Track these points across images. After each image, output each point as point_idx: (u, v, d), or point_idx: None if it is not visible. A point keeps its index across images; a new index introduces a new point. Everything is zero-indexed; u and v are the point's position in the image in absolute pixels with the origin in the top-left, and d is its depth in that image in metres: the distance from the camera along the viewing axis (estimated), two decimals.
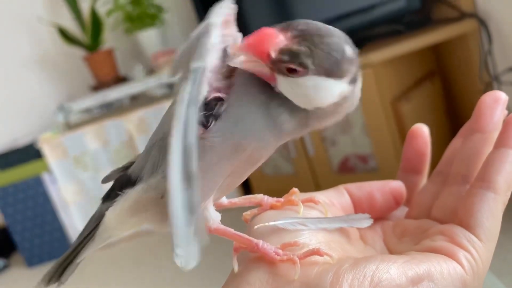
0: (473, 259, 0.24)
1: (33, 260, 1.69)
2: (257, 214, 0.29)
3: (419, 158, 0.32)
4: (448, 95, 1.39)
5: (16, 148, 1.67)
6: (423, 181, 0.33)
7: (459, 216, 0.26)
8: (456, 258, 0.24)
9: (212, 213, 0.26)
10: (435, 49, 1.38)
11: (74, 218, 1.69)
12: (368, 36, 1.34)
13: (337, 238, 0.26)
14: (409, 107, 1.20)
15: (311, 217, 0.27)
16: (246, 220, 0.29)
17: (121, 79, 1.80)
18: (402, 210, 0.32)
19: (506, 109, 0.29)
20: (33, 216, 1.67)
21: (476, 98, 0.30)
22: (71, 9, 1.76)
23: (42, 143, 1.63)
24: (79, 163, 1.65)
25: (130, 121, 1.60)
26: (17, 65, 1.92)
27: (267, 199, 0.30)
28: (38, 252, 1.69)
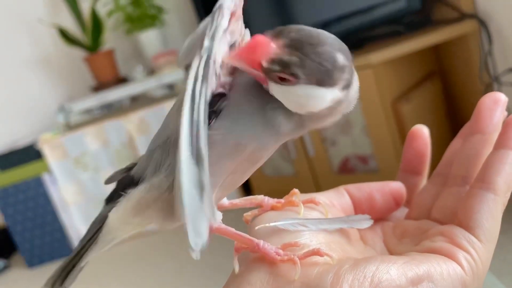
0: (472, 260, 0.24)
1: (34, 260, 1.69)
2: (258, 215, 0.29)
3: (419, 159, 0.33)
4: (448, 96, 1.39)
5: (17, 149, 1.67)
6: (423, 182, 0.33)
7: (459, 217, 0.26)
8: (456, 259, 0.24)
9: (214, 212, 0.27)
10: (435, 49, 1.38)
11: (74, 218, 1.69)
12: (368, 36, 1.34)
13: (337, 238, 0.27)
14: (409, 107, 1.20)
15: (312, 218, 0.27)
16: (247, 220, 0.29)
17: (121, 80, 1.80)
18: (402, 211, 0.32)
19: (506, 110, 0.29)
20: (34, 216, 1.67)
21: (476, 99, 0.30)
22: (71, 10, 1.76)
23: (43, 143, 1.63)
24: (79, 163, 1.65)
25: (130, 122, 1.60)
26: (18, 65, 1.92)
27: (267, 200, 0.30)
28: (38, 252, 1.69)
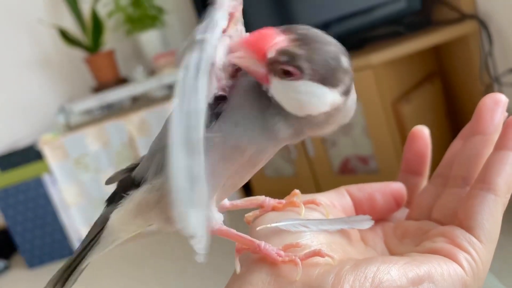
0: (473, 261, 0.24)
1: (34, 261, 1.69)
2: (259, 216, 0.29)
3: (419, 159, 0.33)
4: (448, 97, 1.39)
5: (17, 150, 1.67)
6: (424, 182, 0.33)
7: (460, 218, 0.26)
8: (457, 260, 0.24)
9: (215, 214, 0.27)
10: (436, 50, 1.38)
11: (74, 219, 1.69)
12: (369, 37, 1.34)
13: (338, 239, 0.27)
14: (409, 108, 1.20)
15: (313, 219, 0.27)
16: (248, 221, 0.29)
17: (121, 81, 1.80)
18: (403, 212, 0.32)
19: (506, 111, 0.29)
20: (34, 217, 1.67)
21: (476, 100, 0.30)
22: (71, 10, 1.76)
23: (43, 144, 1.63)
24: (79, 164, 1.65)
25: (130, 122, 1.60)
26: (18, 66, 1.92)
27: (268, 200, 0.30)
28: (38, 253, 1.68)
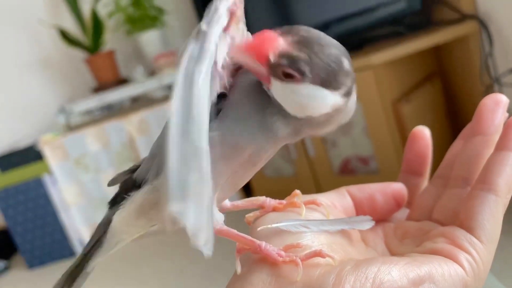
0: (474, 261, 0.24)
1: (34, 261, 1.69)
2: (260, 216, 0.29)
3: (420, 160, 0.33)
4: (448, 97, 1.39)
5: (17, 150, 1.67)
6: (424, 183, 0.33)
7: (460, 218, 0.26)
8: (457, 260, 0.24)
9: (216, 214, 0.27)
10: (436, 50, 1.38)
11: (75, 219, 1.69)
12: (369, 37, 1.34)
13: (339, 240, 0.27)
14: (409, 108, 1.20)
15: (313, 219, 0.27)
16: (249, 222, 0.29)
17: (122, 81, 1.80)
18: (403, 212, 0.32)
19: (506, 112, 0.29)
20: (34, 217, 1.67)
21: (477, 100, 0.30)
22: (72, 10, 1.76)
23: (43, 144, 1.63)
24: (80, 164, 1.65)
25: (130, 123, 1.61)
26: (18, 67, 1.92)
27: (269, 201, 0.30)
28: (39, 253, 1.68)
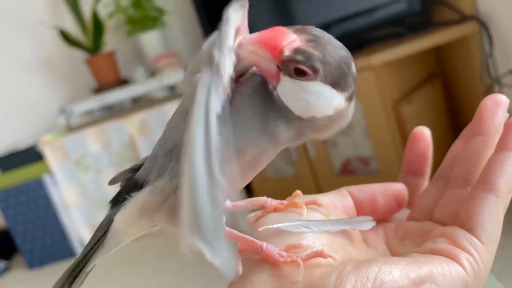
0: (474, 261, 0.24)
1: (34, 262, 1.69)
2: (261, 217, 0.29)
3: (421, 160, 0.33)
4: (449, 98, 1.39)
5: (18, 151, 1.67)
6: (425, 183, 0.33)
7: (461, 219, 0.26)
8: (458, 260, 0.24)
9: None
10: (436, 51, 1.38)
11: (75, 220, 1.69)
12: (369, 38, 1.34)
13: (340, 240, 0.27)
14: (410, 109, 1.20)
15: (314, 220, 0.27)
16: (250, 222, 0.29)
17: (122, 82, 1.80)
18: (404, 212, 0.32)
19: (507, 112, 0.29)
20: (35, 218, 1.67)
21: (477, 101, 0.30)
22: (72, 11, 1.76)
23: (44, 145, 1.63)
24: (80, 165, 1.66)
25: (131, 123, 1.61)
26: (19, 67, 1.92)
27: (270, 201, 0.30)
28: (39, 254, 1.69)
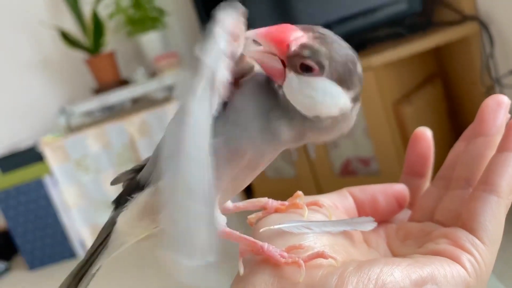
0: (476, 262, 0.24)
1: (35, 263, 1.69)
2: (262, 218, 0.29)
3: (422, 161, 0.33)
4: (449, 98, 1.39)
5: (18, 151, 1.67)
6: (426, 184, 0.33)
7: (462, 219, 0.26)
8: (460, 261, 0.24)
9: (218, 216, 0.27)
10: (437, 52, 1.38)
11: (75, 220, 1.69)
12: (370, 38, 1.35)
13: (341, 241, 0.27)
14: (410, 109, 1.20)
15: (316, 220, 0.27)
16: (251, 223, 0.29)
17: (122, 82, 1.80)
18: (405, 213, 0.32)
19: (508, 113, 0.29)
20: (35, 218, 1.67)
21: (478, 101, 0.30)
22: (73, 12, 1.77)
23: (44, 146, 1.63)
24: (80, 166, 1.66)
25: (131, 124, 1.61)
26: (19, 68, 1.92)
27: (271, 202, 0.30)
28: (39, 255, 1.69)
